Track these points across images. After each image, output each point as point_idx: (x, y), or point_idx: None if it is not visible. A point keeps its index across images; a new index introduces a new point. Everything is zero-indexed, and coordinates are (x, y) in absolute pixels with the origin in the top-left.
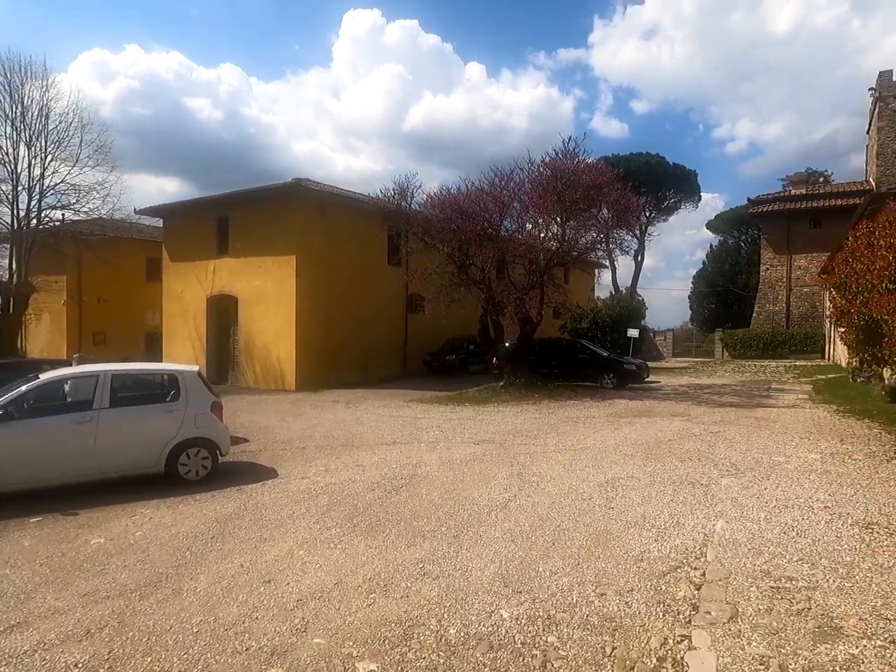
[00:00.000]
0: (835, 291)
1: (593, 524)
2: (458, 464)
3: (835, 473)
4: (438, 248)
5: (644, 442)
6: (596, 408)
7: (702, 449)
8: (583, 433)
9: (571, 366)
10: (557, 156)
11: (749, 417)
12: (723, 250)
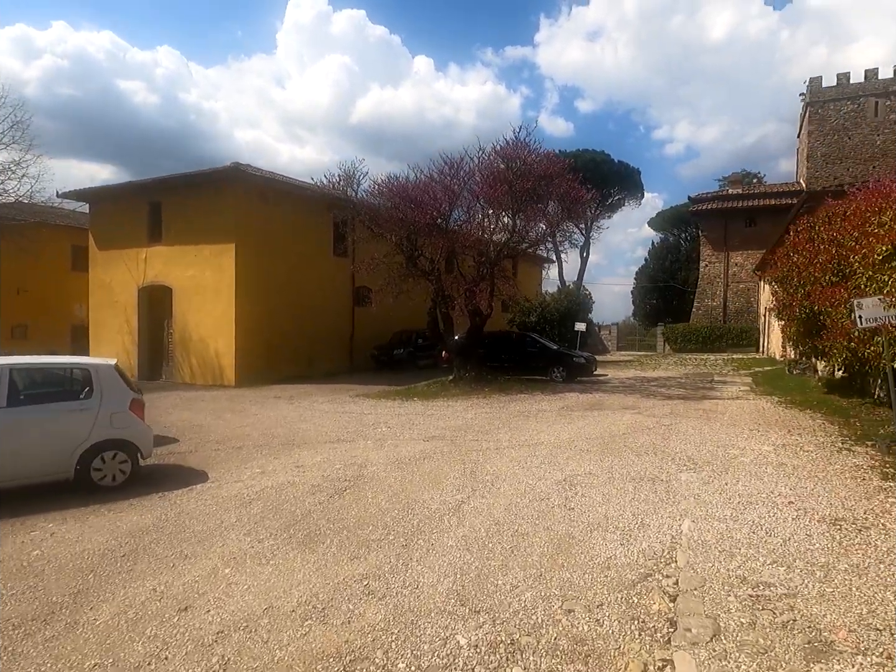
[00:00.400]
0: (777, 285)
1: (554, 527)
2: (406, 463)
3: (790, 466)
4: (386, 237)
5: (598, 436)
6: (547, 401)
7: (657, 442)
8: (536, 428)
9: (521, 359)
10: (508, 145)
11: (698, 409)
12: (664, 247)
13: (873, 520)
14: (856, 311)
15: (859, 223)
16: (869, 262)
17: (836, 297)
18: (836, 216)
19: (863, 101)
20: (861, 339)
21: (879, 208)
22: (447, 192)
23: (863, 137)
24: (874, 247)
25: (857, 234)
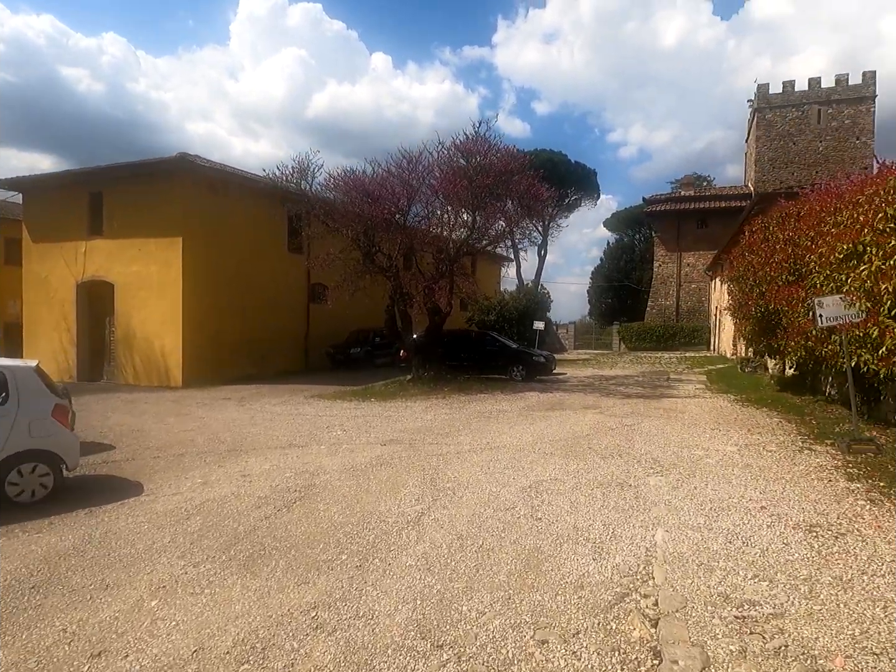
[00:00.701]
0: (733, 284)
1: (521, 541)
2: (362, 470)
3: (756, 467)
4: (342, 232)
5: (562, 438)
6: (508, 401)
7: (621, 444)
8: (497, 429)
9: (481, 358)
10: (468, 140)
11: (658, 409)
12: (619, 248)
13: (847, 525)
14: (816, 310)
15: (814, 223)
16: (826, 261)
17: (792, 296)
18: (790, 217)
19: (806, 108)
20: (819, 339)
21: (835, 208)
22: (405, 186)
23: (807, 143)
24: (834, 245)
25: (812, 234)
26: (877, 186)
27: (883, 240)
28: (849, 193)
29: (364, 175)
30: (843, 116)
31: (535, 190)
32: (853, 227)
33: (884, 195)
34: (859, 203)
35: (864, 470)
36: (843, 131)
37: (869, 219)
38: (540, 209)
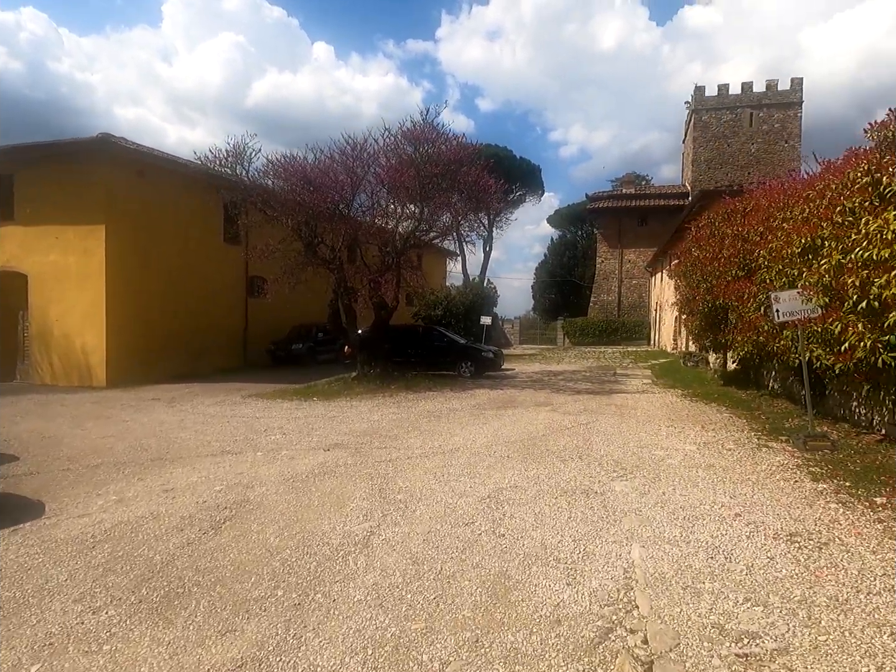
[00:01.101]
0: (680, 280)
1: (484, 563)
2: (303, 480)
3: (720, 468)
4: (282, 221)
5: (517, 439)
6: (458, 399)
7: (579, 445)
8: (449, 430)
9: (429, 354)
10: (416, 127)
11: (610, 405)
12: (562, 244)
13: (827, 533)
14: (773, 305)
15: (763, 218)
16: (779, 255)
17: (742, 291)
18: (736, 213)
19: (740, 111)
20: (771, 333)
21: (783, 204)
22: (350, 174)
23: (740, 145)
24: (789, 240)
25: (761, 229)
26: (827, 181)
27: (842, 233)
28: (799, 189)
29: (305, 161)
30: (774, 120)
31: (483, 182)
32: (810, 221)
33: (836, 189)
34: (810, 198)
35: (826, 468)
36: (773, 134)
37: (828, 212)
38: (489, 201)
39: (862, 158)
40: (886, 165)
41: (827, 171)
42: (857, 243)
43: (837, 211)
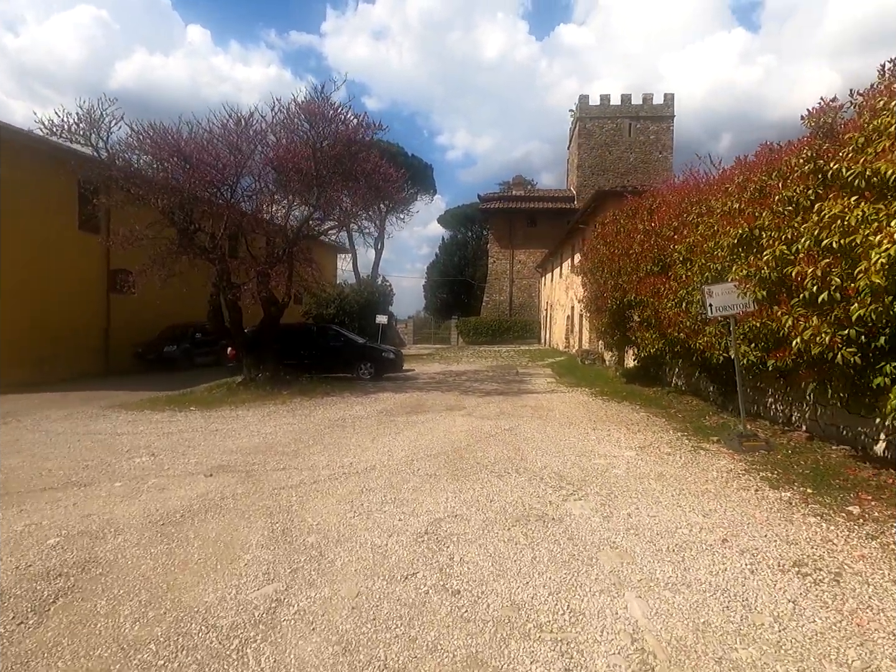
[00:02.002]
0: (587, 277)
1: (444, 644)
2: (177, 522)
3: (671, 477)
4: (151, 202)
5: (440, 450)
6: (361, 405)
7: (511, 455)
8: (358, 443)
9: (324, 355)
10: (313, 100)
11: (524, 407)
12: (453, 244)
13: (829, 558)
14: (706, 300)
15: (675, 213)
16: (700, 249)
17: (657, 287)
18: (641, 209)
19: (620, 121)
20: (692, 330)
21: (697, 199)
22: (234, 151)
23: (620, 153)
24: (715, 232)
25: (675, 224)
26: (751, 173)
27: (783, 222)
28: (713, 184)
29: (178, 134)
30: (649, 132)
31: (384, 169)
32: (745, 212)
33: (775, 178)
34: (729, 192)
35: (776, 472)
36: (649, 145)
37: (767, 202)
38: (389, 191)
39: (804, 145)
40: (829, 152)
41: (738, 167)
42: (808, 232)
43: (777, 200)
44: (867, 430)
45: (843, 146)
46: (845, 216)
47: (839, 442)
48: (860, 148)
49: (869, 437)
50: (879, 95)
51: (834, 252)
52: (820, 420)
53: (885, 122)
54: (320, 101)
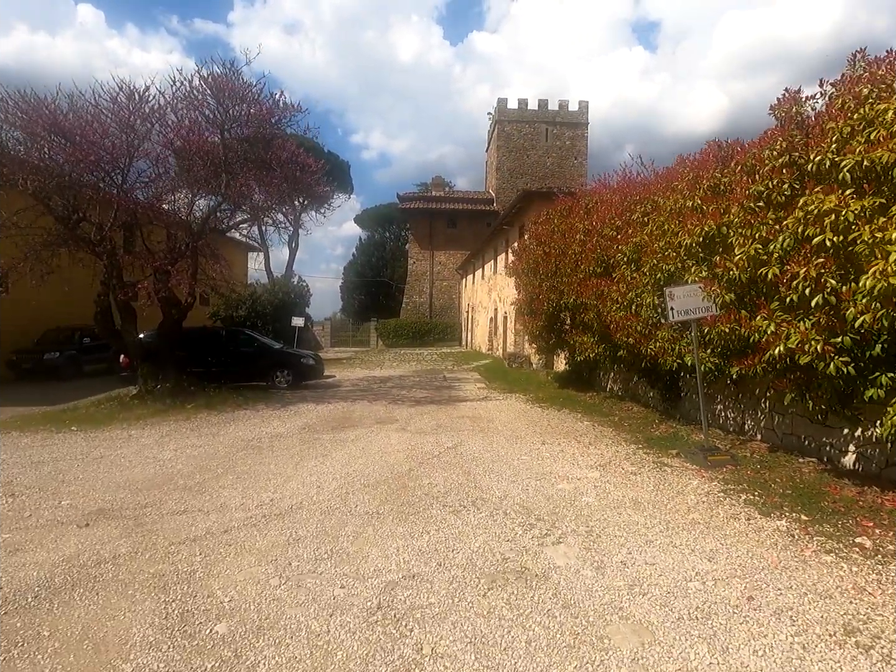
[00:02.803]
0: (522, 278)
1: None
2: (24, 610)
3: (649, 505)
4: (20, 184)
5: (379, 478)
6: (279, 419)
7: (462, 482)
8: (279, 470)
9: (235, 362)
10: (221, 74)
11: (462, 418)
12: (371, 244)
13: (877, 617)
14: (667, 302)
15: (619, 212)
16: (651, 249)
17: (600, 289)
18: (576, 209)
19: (537, 126)
20: (643, 335)
21: (641, 197)
22: (126, 130)
23: (538, 157)
24: (689, 229)
25: (618, 223)
26: (699, 170)
27: (755, 219)
28: (659, 182)
29: (56, 107)
30: (565, 137)
31: (301, 159)
32: (708, 210)
33: (743, 171)
34: (677, 189)
35: (756, 493)
36: (565, 151)
37: (736, 197)
38: (309, 183)
39: (777, 136)
40: (804, 144)
41: (688, 165)
42: (789, 229)
43: (746, 195)
44: (833, 440)
45: (823, 137)
46: (840, 212)
47: (801, 453)
48: (845, 139)
49: (836, 448)
50: (862, 83)
51: (826, 251)
52: (777, 429)
53: (879, 109)
54: (229, 76)
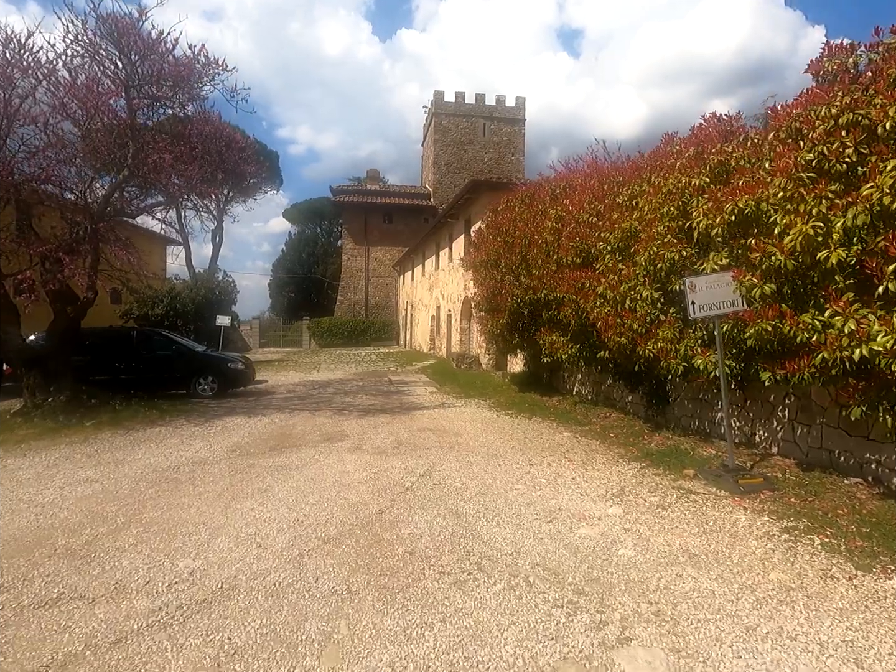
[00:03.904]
0: (483, 271)
1: None
2: None
3: (709, 558)
4: None
5: (341, 527)
6: (203, 438)
7: (453, 529)
8: (202, 517)
9: (149, 368)
10: (124, 17)
11: (424, 431)
12: (301, 240)
13: None
14: (687, 296)
15: (598, 195)
16: (650, 235)
17: (580, 282)
18: (542, 195)
19: (475, 120)
20: (639, 334)
21: (624, 179)
22: (1, 83)
23: (475, 153)
24: (722, 205)
25: (600, 208)
26: (705, 144)
27: (808, 192)
28: (655, 159)
29: None
30: (503, 133)
31: (227, 132)
32: (739, 185)
33: (780, 138)
34: (674, 167)
35: (829, 533)
36: (503, 147)
37: (785, 166)
38: (236, 162)
39: (830, 93)
40: (867, 101)
41: (669, 144)
42: (863, 202)
43: (794, 163)
44: (881, 458)
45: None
46: None
47: (837, 471)
48: None
49: (885, 466)
50: None
51: None
52: (800, 442)
53: None
54: (135, 22)
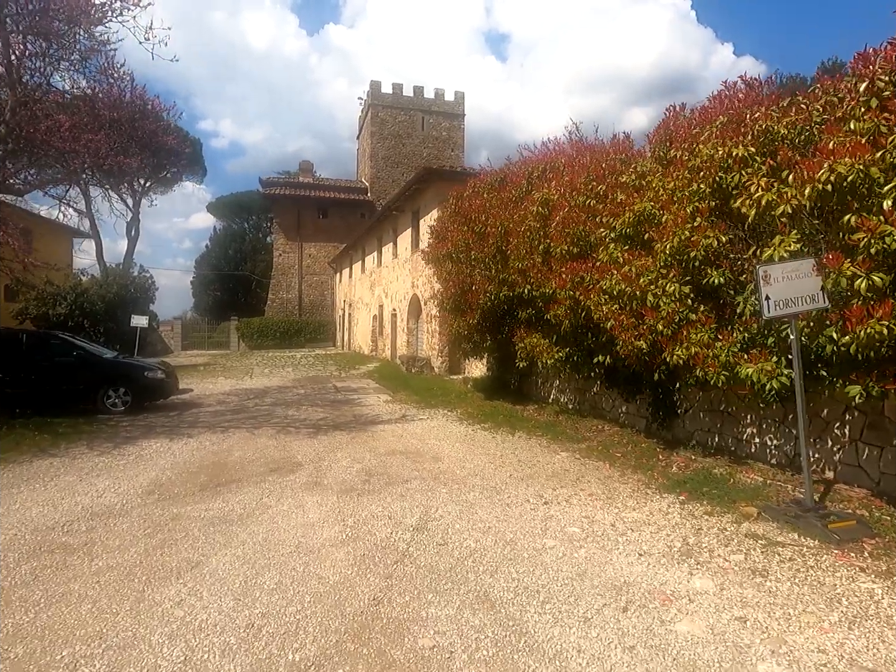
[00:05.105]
0: (443, 266)
1: None
2: None
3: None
4: None
5: (323, 641)
6: (110, 474)
7: (498, 636)
8: (99, 624)
9: (44, 378)
10: None
11: (393, 454)
12: (227, 235)
13: None
14: (761, 289)
15: (598, 175)
16: (676, 218)
17: (578, 274)
18: (517, 178)
19: (413, 113)
20: (666, 337)
21: (629, 156)
22: None
23: (414, 147)
24: (811, 174)
25: (601, 189)
26: (741, 112)
27: None
28: (665, 135)
29: None
30: (442, 128)
31: (140, 92)
32: (843, 146)
33: (762, 118)
34: (699, 137)
35: None
36: (442, 142)
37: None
38: (154, 132)
39: None
40: None
41: (675, 116)
42: None
43: None
44: None
45: None
46: None
47: None
48: None
49: None
50: None
51: None
52: (867, 467)
53: None
54: None
